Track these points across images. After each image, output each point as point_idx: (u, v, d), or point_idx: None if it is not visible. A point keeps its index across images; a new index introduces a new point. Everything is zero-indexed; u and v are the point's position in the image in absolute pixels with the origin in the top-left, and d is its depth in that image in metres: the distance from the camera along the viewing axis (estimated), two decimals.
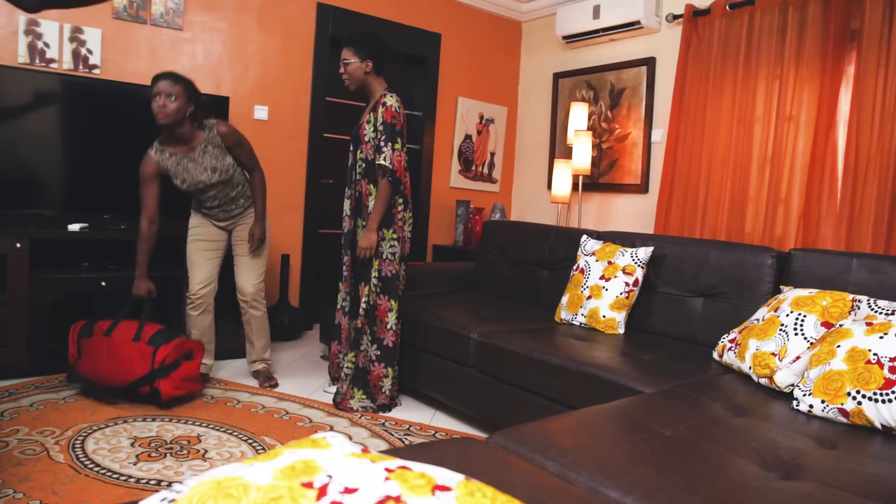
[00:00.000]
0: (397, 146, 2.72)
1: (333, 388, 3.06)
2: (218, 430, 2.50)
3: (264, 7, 4.06)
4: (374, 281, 2.81)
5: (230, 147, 2.92)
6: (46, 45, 3.33)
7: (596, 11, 4.46)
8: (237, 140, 2.93)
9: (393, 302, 2.83)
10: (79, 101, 3.21)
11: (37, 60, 3.32)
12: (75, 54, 3.42)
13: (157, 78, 2.74)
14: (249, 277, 3.09)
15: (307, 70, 4.27)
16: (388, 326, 2.83)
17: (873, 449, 1.55)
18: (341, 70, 2.83)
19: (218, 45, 3.89)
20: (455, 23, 4.98)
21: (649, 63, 4.38)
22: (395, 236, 2.81)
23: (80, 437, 2.31)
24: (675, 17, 4.16)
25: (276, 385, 3.09)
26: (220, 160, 2.89)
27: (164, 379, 2.63)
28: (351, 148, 2.93)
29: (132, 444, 2.29)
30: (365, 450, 0.73)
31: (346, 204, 2.96)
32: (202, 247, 3.05)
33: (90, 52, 3.45)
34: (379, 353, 2.84)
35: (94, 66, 3.47)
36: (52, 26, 3.35)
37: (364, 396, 2.86)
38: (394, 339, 2.85)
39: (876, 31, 3.21)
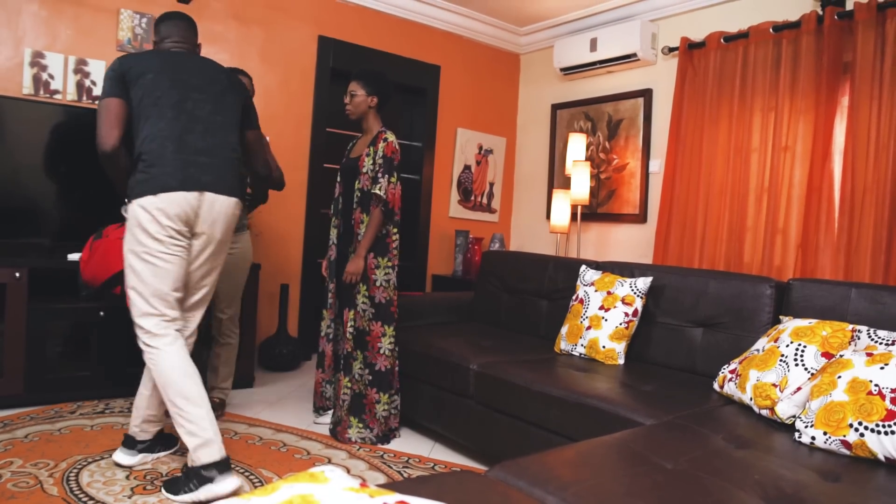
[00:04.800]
0: (393, 179, 2.85)
1: (321, 419, 3.04)
2: None
3: (266, 39, 4.13)
4: (362, 306, 2.85)
5: None
6: (51, 76, 3.38)
7: (593, 44, 4.53)
8: None
9: (387, 328, 2.87)
10: (81, 132, 3.23)
11: (41, 92, 3.36)
12: (79, 86, 3.46)
13: None
14: None
15: (308, 101, 4.32)
16: (381, 351, 2.86)
17: (877, 482, 1.53)
18: (347, 100, 2.96)
19: None
20: (454, 55, 5.05)
21: (646, 94, 4.43)
22: (389, 264, 2.89)
23: (75, 470, 2.28)
24: (671, 49, 4.23)
25: None
26: None
27: None
28: (339, 179, 3.01)
29: (127, 477, 2.26)
30: (363, 483, 0.72)
31: (333, 233, 3.05)
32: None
33: (94, 83, 3.49)
34: (371, 377, 2.87)
35: (98, 98, 3.50)
36: (57, 58, 3.40)
37: (361, 426, 2.84)
38: (387, 364, 2.87)
39: (868, 63, 3.26)
